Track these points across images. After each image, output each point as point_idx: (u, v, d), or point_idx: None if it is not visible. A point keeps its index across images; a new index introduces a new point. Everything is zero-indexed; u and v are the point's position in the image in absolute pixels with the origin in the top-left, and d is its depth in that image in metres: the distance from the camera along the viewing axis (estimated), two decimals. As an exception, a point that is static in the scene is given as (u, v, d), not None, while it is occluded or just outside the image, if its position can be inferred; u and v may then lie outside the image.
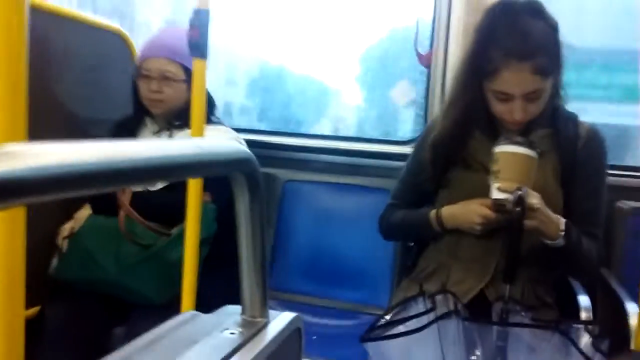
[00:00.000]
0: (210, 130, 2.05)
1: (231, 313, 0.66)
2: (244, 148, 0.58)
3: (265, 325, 0.65)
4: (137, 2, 3.22)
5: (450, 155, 1.64)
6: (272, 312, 0.69)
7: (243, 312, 0.66)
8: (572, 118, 1.65)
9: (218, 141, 0.59)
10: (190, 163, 0.51)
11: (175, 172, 0.50)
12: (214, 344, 0.58)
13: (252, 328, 0.63)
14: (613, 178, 2.10)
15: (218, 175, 0.57)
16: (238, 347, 0.58)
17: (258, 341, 0.61)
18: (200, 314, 0.65)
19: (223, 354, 0.56)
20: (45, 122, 1.95)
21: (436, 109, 2.30)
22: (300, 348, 0.71)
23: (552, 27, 1.51)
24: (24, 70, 0.81)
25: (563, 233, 1.49)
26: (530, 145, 1.45)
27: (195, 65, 1.62)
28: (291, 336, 0.68)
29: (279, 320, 0.68)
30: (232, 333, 0.61)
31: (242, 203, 0.61)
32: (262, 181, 0.62)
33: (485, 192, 1.51)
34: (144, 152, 0.46)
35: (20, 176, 0.36)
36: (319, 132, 2.99)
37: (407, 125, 2.76)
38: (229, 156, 0.56)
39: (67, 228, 2.03)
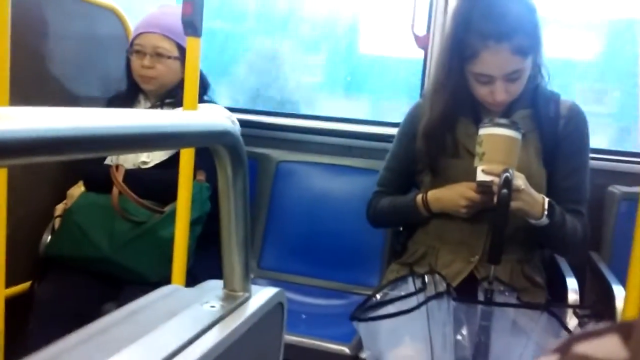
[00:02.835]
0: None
1: (213, 287, 0.67)
2: (226, 121, 0.58)
3: (246, 299, 0.65)
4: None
5: (443, 142, 1.63)
6: (254, 287, 0.69)
7: (225, 286, 0.67)
8: (554, 97, 1.66)
9: (200, 114, 0.58)
10: (169, 133, 0.51)
11: (154, 141, 0.50)
12: (193, 317, 0.58)
13: (233, 302, 0.64)
14: (605, 163, 2.12)
15: (199, 146, 0.57)
16: (217, 319, 0.59)
17: (238, 314, 0.61)
18: (182, 287, 0.66)
19: (202, 326, 0.56)
20: (39, 99, 1.95)
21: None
22: (283, 322, 0.72)
23: (528, 8, 1.52)
24: (6, 39, 0.80)
25: (547, 212, 1.50)
26: (513, 126, 1.46)
27: (189, 43, 1.61)
28: (273, 310, 0.68)
29: (261, 294, 0.68)
30: (212, 306, 0.61)
31: (224, 177, 0.61)
32: (245, 155, 0.62)
33: (470, 179, 1.51)
34: (123, 120, 0.46)
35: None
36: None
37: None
38: (209, 128, 0.56)
39: (60, 207, 2.03)
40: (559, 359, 0.32)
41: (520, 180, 1.44)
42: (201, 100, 2.07)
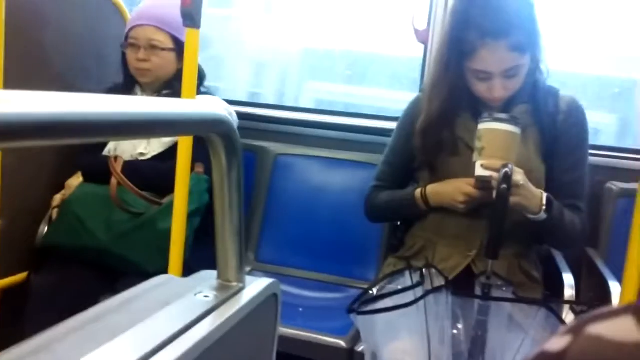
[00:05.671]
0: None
1: (207, 277, 0.66)
2: (221, 110, 0.58)
3: (240, 290, 0.65)
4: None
5: (441, 139, 1.63)
6: (248, 278, 0.69)
7: (219, 277, 0.66)
8: (553, 92, 1.66)
9: (195, 102, 0.58)
10: (163, 121, 0.50)
11: (148, 128, 0.50)
12: (186, 306, 0.58)
13: (226, 292, 0.63)
14: (603, 159, 2.11)
15: (193, 135, 0.57)
16: (210, 309, 0.58)
17: (231, 305, 0.61)
18: (175, 277, 0.65)
19: (195, 315, 0.56)
20: (37, 89, 1.95)
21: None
22: (277, 313, 0.71)
23: (527, 4, 1.53)
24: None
25: (545, 207, 1.50)
26: (513, 121, 1.46)
27: (188, 34, 1.60)
28: (267, 301, 0.68)
29: (255, 285, 0.68)
30: (205, 296, 0.61)
31: (218, 166, 0.61)
32: (240, 145, 0.62)
33: (468, 176, 1.51)
34: (117, 106, 0.46)
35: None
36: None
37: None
38: (204, 117, 0.55)
39: (58, 198, 2.03)
40: (571, 340, 0.31)
41: (519, 176, 1.44)
42: (198, 92, 2.06)
